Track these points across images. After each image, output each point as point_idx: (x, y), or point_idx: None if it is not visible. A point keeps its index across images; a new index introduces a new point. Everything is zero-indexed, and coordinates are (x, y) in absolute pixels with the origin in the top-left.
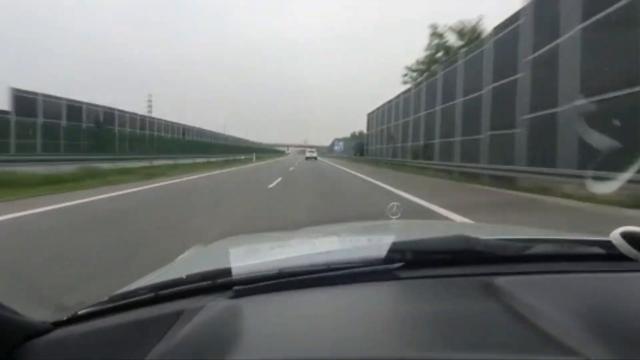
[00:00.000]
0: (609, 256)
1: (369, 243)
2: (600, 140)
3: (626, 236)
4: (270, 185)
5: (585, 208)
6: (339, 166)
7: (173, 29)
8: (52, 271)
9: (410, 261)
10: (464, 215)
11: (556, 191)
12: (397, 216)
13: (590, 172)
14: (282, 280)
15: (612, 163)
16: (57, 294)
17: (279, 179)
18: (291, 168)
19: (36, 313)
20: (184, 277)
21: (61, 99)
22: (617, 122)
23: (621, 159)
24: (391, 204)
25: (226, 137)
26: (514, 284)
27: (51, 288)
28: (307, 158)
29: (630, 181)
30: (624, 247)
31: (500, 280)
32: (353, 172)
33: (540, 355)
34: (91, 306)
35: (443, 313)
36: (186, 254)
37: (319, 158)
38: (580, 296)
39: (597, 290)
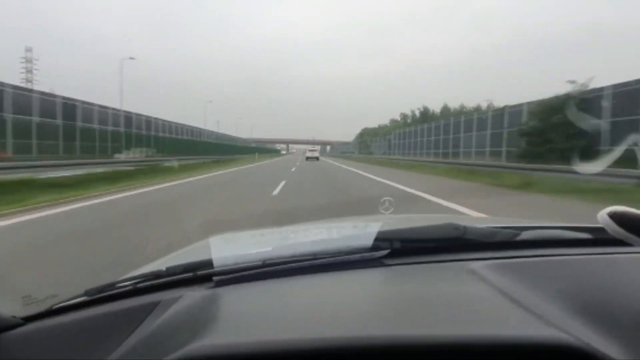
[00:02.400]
0: (598, 241)
1: (356, 232)
2: None
3: (614, 216)
4: None
5: None
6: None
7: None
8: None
9: (398, 249)
10: None
11: None
12: (390, 211)
13: None
14: (265, 269)
15: None
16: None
17: None
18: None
19: (5, 309)
20: (163, 269)
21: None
22: None
23: None
24: (383, 199)
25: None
26: (500, 268)
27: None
28: (307, 158)
29: None
30: (611, 227)
31: (487, 264)
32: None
33: (524, 330)
34: (65, 300)
35: (428, 295)
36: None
37: (320, 158)
38: (567, 278)
39: (583, 272)
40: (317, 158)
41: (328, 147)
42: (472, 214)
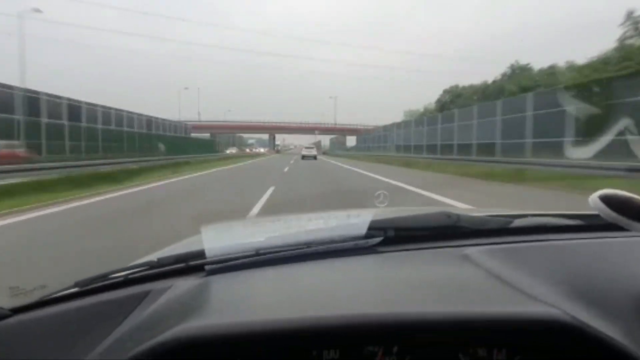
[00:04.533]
0: (590, 227)
1: (349, 222)
2: None
3: (605, 199)
4: None
5: None
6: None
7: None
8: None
9: (391, 237)
10: None
11: None
12: (385, 204)
13: None
14: (258, 258)
15: None
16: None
17: None
18: None
19: None
20: (155, 260)
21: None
22: None
23: None
24: (378, 192)
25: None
26: (494, 253)
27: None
28: (303, 157)
29: None
30: (603, 210)
31: (480, 249)
32: None
33: (516, 307)
34: (56, 292)
35: (421, 278)
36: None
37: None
38: (560, 262)
39: (575, 256)
40: (314, 157)
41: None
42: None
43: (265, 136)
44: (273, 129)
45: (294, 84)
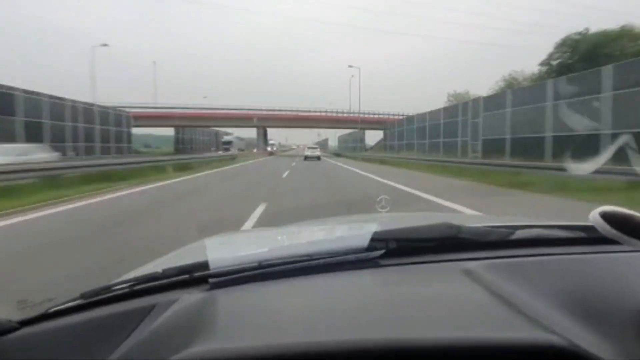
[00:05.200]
0: (591, 240)
1: (351, 233)
2: None
3: (605, 216)
4: None
5: None
6: None
7: None
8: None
9: (393, 249)
10: None
11: None
12: (387, 209)
13: None
14: (261, 270)
15: None
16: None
17: None
18: None
19: (1, 312)
20: (159, 271)
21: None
22: None
23: None
24: (380, 197)
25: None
26: (495, 268)
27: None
28: (306, 157)
29: None
30: (603, 227)
31: (482, 265)
32: None
33: (515, 332)
34: (61, 304)
35: (423, 296)
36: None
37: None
38: (560, 277)
39: (576, 271)
40: (318, 157)
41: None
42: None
43: (253, 132)
44: (263, 120)
45: (296, 60)
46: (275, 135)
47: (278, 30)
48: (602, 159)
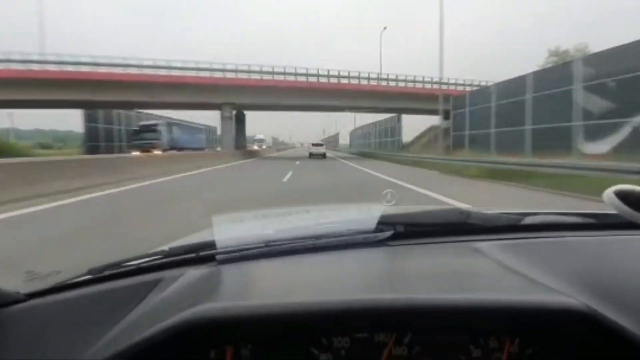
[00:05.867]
0: (603, 225)
1: (359, 216)
2: None
3: (620, 194)
4: None
5: None
6: None
7: None
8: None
9: (402, 232)
10: None
11: None
12: (392, 203)
13: None
14: (268, 249)
15: None
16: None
17: None
18: None
19: (9, 284)
20: (167, 249)
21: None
22: None
23: None
24: (386, 191)
25: None
26: (506, 248)
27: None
28: (311, 155)
29: None
30: (617, 205)
31: (492, 244)
32: None
33: (529, 295)
34: (69, 279)
35: (431, 268)
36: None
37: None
38: (572, 258)
39: (591, 252)
40: (323, 154)
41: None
42: None
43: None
44: (234, 92)
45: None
46: (273, 128)
47: None
48: (615, 139)
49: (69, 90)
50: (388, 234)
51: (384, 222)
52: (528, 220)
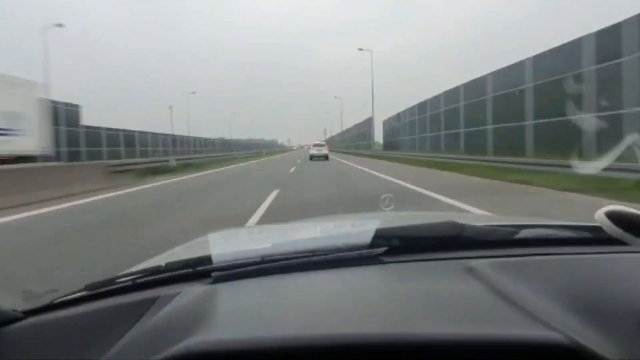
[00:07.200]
0: (597, 240)
1: (354, 230)
2: None
3: (611, 215)
4: None
5: None
6: None
7: None
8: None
9: (396, 247)
10: None
11: None
12: (390, 208)
13: None
14: (264, 265)
15: None
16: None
17: None
18: None
19: (6, 302)
20: (163, 265)
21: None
22: None
23: None
24: (384, 196)
25: None
26: (498, 267)
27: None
28: (312, 157)
29: None
30: (608, 226)
31: (484, 263)
32: None
33: (520, 330)
34: (65, 295)
35: (425, 293)
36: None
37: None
38: (564, 277)
39: (580, 270)
40: (325, 156)
41: None
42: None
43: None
44: None
45: None
46: (272, 131)
47: None
48: (609, 159)
49: None
50: (383, 249)
51: (380, 236)
52: (521, 235)
